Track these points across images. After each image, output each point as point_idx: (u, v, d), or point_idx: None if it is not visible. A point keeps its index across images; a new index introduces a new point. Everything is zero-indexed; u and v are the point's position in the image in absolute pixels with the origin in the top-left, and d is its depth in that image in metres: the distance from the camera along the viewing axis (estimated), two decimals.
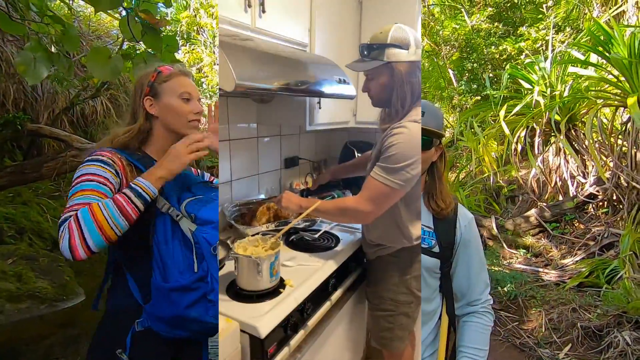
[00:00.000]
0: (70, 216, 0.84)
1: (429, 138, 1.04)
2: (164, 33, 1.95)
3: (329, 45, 2.06)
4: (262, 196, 2.16)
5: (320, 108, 2.02)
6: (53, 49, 1.93)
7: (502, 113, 4.31)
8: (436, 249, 1.01)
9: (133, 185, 0.90)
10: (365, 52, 1.25)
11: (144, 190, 0.90)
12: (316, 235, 1.66)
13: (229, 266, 1.21)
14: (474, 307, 1.03)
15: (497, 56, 6.18)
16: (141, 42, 1.88)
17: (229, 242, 1.22)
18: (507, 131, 4.14)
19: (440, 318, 1.07)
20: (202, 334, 0.97)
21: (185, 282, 0.90)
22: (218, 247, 0.92)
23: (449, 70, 7.02)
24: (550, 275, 3.17)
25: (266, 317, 1.00)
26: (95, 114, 5.56)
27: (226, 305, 1.04)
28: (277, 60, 1.50)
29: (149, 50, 1.95)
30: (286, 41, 1.75)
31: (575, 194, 3.85)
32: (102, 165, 0.95)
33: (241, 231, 1.59)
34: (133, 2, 1.89)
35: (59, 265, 3.45)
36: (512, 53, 5.92)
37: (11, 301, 2.86)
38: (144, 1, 1.85)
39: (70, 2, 5.18)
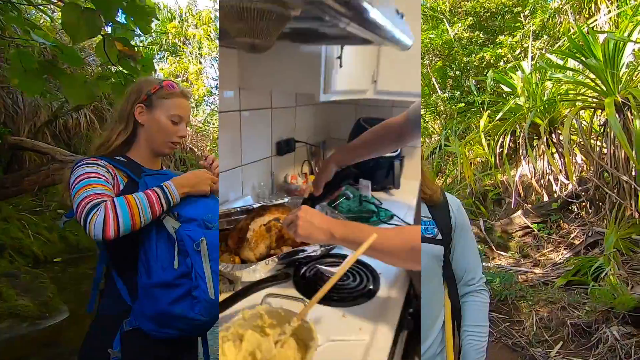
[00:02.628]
0: (101, 201, 0.89)
1: None
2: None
3: None
4: (250, 200, 1.67)
5: (341, 66, 1.37)
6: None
7: (482, 123, 4.43)
8: (439, 237, 1.02)
9: (164, 188, 0.96)
10: None
11: (170, 195, 0.96)
12: (340, 267, 1.07)
13: None
14: (470, 286, 1.05)
15: (477, 64, 6.36)
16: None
17: None
18: (484, 142, 4.30)
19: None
20: (190, 332, 0.96)
21: (167, 278, 0.91)
22: (202, 243, 0.92)
23: (433, 78, 7.18)
24: (538, 275, 3.21)
25: None
26: (78, 126, 5.48)
27: None
28: None
29: (125, 72, 1.94)
30: None
31: (559, 194, 3.94)
32: (99, 165, 0.98)
33: (223, 272, 1.10)
34: (109, 29, 1.89)
35: (41, 282, 3.34)
36: (491, 60, 6.10)
37: None
38: (120, 28, 1.85)
39: (53, 13, 5.13)
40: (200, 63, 10.05)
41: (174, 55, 9.72)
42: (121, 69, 1.93)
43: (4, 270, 3.35)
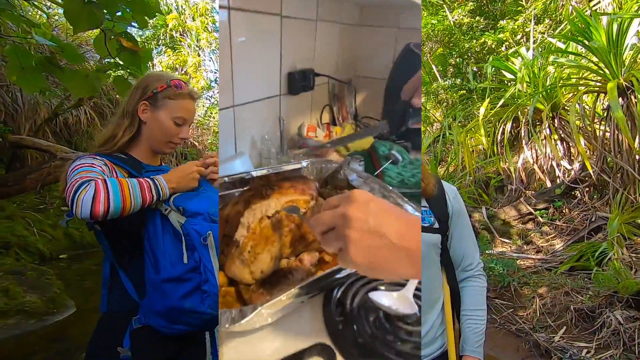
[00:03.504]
0: (91, 180, 0.85)
1: None
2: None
3: None
4: (247, 162, 1.14)
5: None
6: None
7: (482, 111, 4.40)
8: (436, 225, 1.03)
9: (154, 179, 0.93)
10: None
11: (160, 187, 0.94)
12: (408, 295, 0.73)
13: None
14: (468, 272, 1.07)
15: (478, 49, 6.27)
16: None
17: None
18: (482, 131, 4.29)
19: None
20: (201, 327, 0.96)
21: (177, 273, 0.90)
22: (209, 237, 0.91)
23: (433, 66, 7.09)
24: (541, 261, 3.21)
25: None
26: (79, 123, 5.48)
27: None
28: None
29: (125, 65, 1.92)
30: None
31: (562, 180, 3.91)
32: (95, 159, 0.97)
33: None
34: (104, 23, 1.87)
35: (47, 279, 3.37)
36: (493, 45, 6.02)
37: None
38: (118, 21, 1.82)
39: (49, 10, 5.09)
40: (199, 55, 9.99)
41: (172, 49, 9.66)
42: (119, 61, 1.92)
43: (11, 267, 3.38)
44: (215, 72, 10.42)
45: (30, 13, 4.89)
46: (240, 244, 0.79)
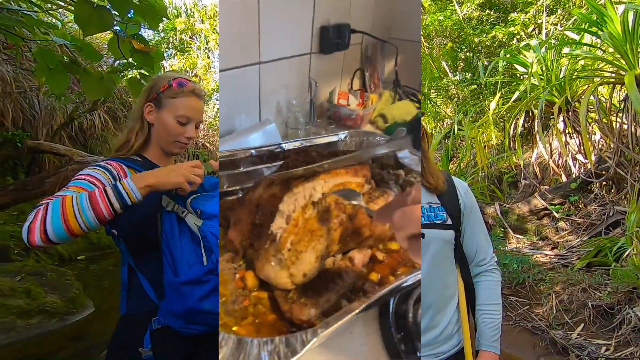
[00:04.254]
0: (46, 203, 0.83)
1: None
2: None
3: None
4: (273, 131, 0.98)
5: None
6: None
7: (493, 105, 4.33)
8: (449, 222, 1.02)
9: (118, 185, 0.86)
10: None
11: (127, 193, 0.85)
12: None
13: None
14: (482, 266, 1.06)
15: (489, 44, 6.17)
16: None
17: None
18: (492, 126, 4.22)
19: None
20: (218, 327, 0.97)
21: (195, 275, 0.91)
22: None
23: (442, 61, 7.01)
24: (557, 257, 3.15)
25: None
26: (93, 127, 5.59)
27: None
28: None
29: (139, 66, 1.96)
30: None
31: (577, 174, 3.83)
32: (101, 169, 0.97)
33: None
34: (118, 28, 1.90)
35: (67, 280, 3.46)
36: (504, 39, 5.91)
37: (21, 317, 2.87)
38: (129, 23, 1.85)
39: (63, 17, 5.21)
40: (209, 57, 10.09)
41: (181, 52, 9.79)
42: (131, 60, 1.96)
43: (32, 269, 3.48)
44: None
45: (45, 20, 5.00)
46: (277, 239, 0.62)
